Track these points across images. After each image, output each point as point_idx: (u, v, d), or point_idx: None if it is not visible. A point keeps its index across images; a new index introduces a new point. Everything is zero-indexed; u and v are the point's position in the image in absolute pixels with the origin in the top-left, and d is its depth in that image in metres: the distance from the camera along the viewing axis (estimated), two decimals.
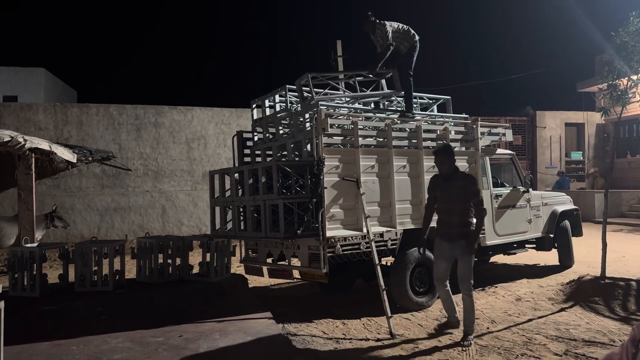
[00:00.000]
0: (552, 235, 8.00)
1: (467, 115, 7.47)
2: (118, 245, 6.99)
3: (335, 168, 5.65)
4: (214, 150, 14.49)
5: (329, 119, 5.61)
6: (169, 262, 7.22)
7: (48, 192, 12.84)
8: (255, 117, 7.40)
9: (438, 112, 7.60)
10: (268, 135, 7.02)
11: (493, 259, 8.41)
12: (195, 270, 7.44)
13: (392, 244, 5.98)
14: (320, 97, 6.42)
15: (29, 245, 6.96)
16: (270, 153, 6.79)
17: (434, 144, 6.55)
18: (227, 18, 62.31)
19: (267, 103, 7.09)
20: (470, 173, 6.73)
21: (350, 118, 6.12)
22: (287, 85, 6.75)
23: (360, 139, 5.89)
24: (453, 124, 6.95)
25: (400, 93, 6.96)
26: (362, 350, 4.67)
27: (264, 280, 7.45)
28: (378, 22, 6.74)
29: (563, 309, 5.93)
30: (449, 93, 7.79)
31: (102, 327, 4.96)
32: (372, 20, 6.76)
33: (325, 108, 5.87)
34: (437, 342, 4.87)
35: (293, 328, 5.37)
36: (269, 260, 6.46)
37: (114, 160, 10.91)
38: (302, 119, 6.47)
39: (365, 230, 5.56)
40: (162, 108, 14.19)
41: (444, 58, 42.75)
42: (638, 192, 16.01)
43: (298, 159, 6.20)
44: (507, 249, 7.46)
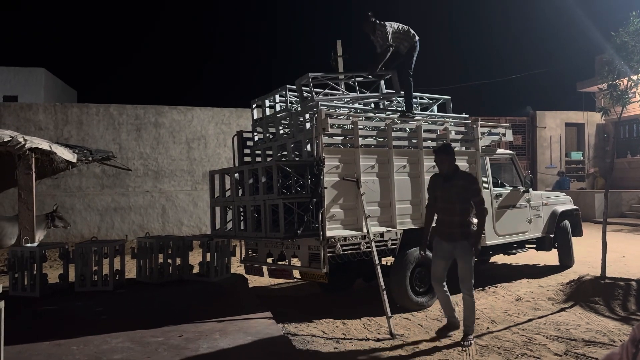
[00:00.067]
0: (552, 235, 8.00)
1: (467, 115, 7.48)
2: (118, 245, 6.99)
3: (336, 168, 5.65)
4: (214, 150, 14.49)
5: (329, 119, 5.61)
6: (169, 262, 7.22)
7: (48, 192, 12.84)
8: (256, 117, 7.40)
9: (438, 112, 7.60)
10: (268, 135, 7.02)
11: (493, 259, 8.41)
12: (195, 270, 7.44)
13: (392, 244, 5.98)
14: (321, 97, 6.42)
15: (29, 245, 6.95)
16: (271, 153, 6.79)
17: (434, 144, 6.55)
18: (227, 18, 62.36)
19: (267, 103, 7.09)
20: (471, 173, 6.75)
21: (351, 118, 6.12)
22: (287, 85, 6.75)
23: (361, 139, 5.89)
24: (453, 124, 6.95)
25: (400, 94, 6.97)
26: (362, 350, 4.67)
27: (264, 280, 7.45)
28: (378, 22, 6.73)
29: (563, 309, 5.93)
30: (449, 93, 7.80)
31: (102, 327, 4.96)
32: (372, 21, 6.76)
33: (326, 108, 5.87)
34: (437, 342, 4.88)
35: (293, 328, 5.37)
36: (269, 260, 6.46)
37: (114, 160, 10.91)
38: (302, 119, 6.47)
39: (366, 230, 5.56)
40: (162, 108, 14.19)
41: (444, 58, 42.83)
42: (638, 192, 16.01)
43: (298, 159, 6.20)
44: (507, 249, 7.47)
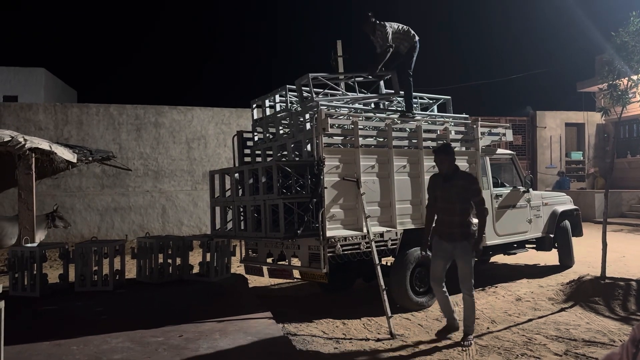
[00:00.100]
0: (552, 235, 8.00)
1: (467, 115, 7.48)
2: (118, 245, 6.98)
3: (336, 168, 5.65)
4: (214, 150, 14.49)
5: (329, 119, 5.61)
6: (169, 262, 7.21)
7: (48, 192, 12.84)
8: (256, 117, 7.40)
9: (438, 112, 7.60)
10: (268, 135, 7.02)
11: (493, 259, 8.41)
12: (195, 270, 7.44)
13: (392, 244, 5.98)
14: (320, 97, 6.42)
15: (29, 245, 6.95)
16: (271, 153, 6.79)
17: (434, 144, 6.55)
18: (227, 18, 62.35)
19: (267, 103, 7.09)
20: (471, 173, 6.75)
21: (351, 118, 6.12)
22: (287, 85, 6.75)
23: (361, 139, 5.89)
24: (453, 124, 6.95)
25: (399, 94, 6.97)
26: (362, 351, 4.67)
27: (264, 280, 7.45)
28: (378, 23, 6.73)
29: (563, 309, 5.93)
30: (449, 93, 7.80)
31: (102, 327, 4.96)
32: (372, 21, 6.76)
33: (326, 108, 5.87)
34: (437, 342, 4.88)
35: (293, 328, 5.38)
36: (269, 260, 6.46)
37: (114, 160, 10.91)
38: (302, 119, 6.47)
39: (366, 230, 5.56)
40: (162, 108, 14.19)
41: (444, 58, 42.80)
42: (638, 192, 16.01)
43: (298, 159, 6.20)
44: (507, 249, 7.47)
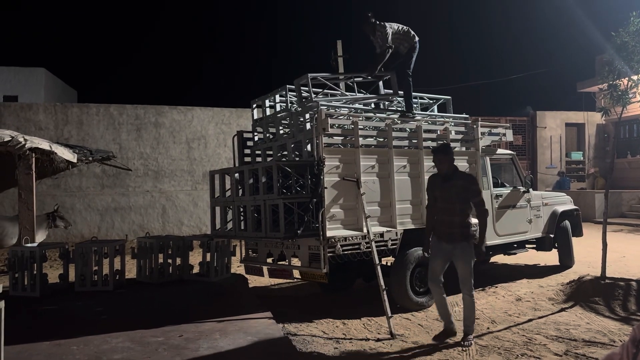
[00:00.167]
0: (552, 236, 8.00)
1: (467, 115, 7.48)
2: (118, 245, 6.98)
3: (336, 168, 5.65)
4: (214, 150, 14.49)
5: (330, 119, 5.61)
6: (169, 262, 7.22)
7: (48, 192, 12.84)
8: (256, 117, 7.40)
9: (438, 112, 7.60)
10: (268, 135, 7.02)
11: (493, 259, 8.41)
12: (196, 270, 7.44)
13: (392, 244, 5.98)
14: (320, 97, 6.42)
15: (30, 245, 6.95)
16: (271, 153, 6.79)
17: (435, 144, 6.55)
18: (227, 18, 62.34)
19: (267, 103, 7.09)
20: (470, 173, 6.74)
21: (351, 118, 6.12)
22: (287, 85, 6.75)
23: (361, 139, 5.88)
24: (453, 124, 6.95)
25: (398, 94, 6.97)
26: (362, 351, 4.67)
27: (264, 280, 7.45)
28: (378, 23, 6.73)
29: (563, 309, 5.93)
30: (449, 93, 7.80)
31: (102, 326, 4.96)
32: (372, 22, 6.75)
33: (326, 108, 5.87)
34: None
35: (293, 328, 5.38)
36: (269, 260, 6.46)
37: (114, 160, 10.92)
38: (302, 119, 6.47)
39: (366, 230, 5.56)
40: (162, 108, 14.20)
41: (444, 58, 42.81)
42: (638, 192, 16.01)
43: (298, 159, 6.20)
44: (507, 249, 7.47)
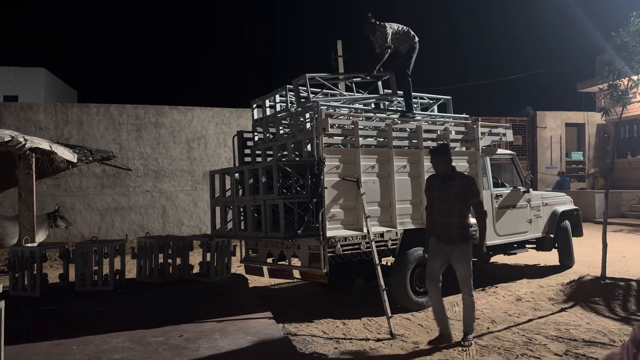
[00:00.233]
0: (552, 236, 8.00)
1: (467, 116, 7.47)
2: (118, 245, 6.99)
3: (336, 168, 5.65)
4: (214, 150, 14.49)
5: (330, 119, 5.61)
6: (169, 262, 7.22)
7: (48, 191, 12.85)
8: (256, 117, 7.40)
9: (438, 112, 7.60)
10: (268, 135, 7.02)
11: (493, 259, 8.41)
12: (196, 270, 7.44)
13: (392, 244, 5.98)
14: (318, 97, 6.42)
15: (30, 245, 6.95)
16: (271, 153, 6.79)
17: (435, 144, 6.55)
18: (227, 18, 62.37)
19: (267, 103, 7.09)
20: (470, 173, 6.74)
21: (351, 118, 6.12)
22: (287, 85, 6.75)
23: (361, 139, 5.88)
24: (453, 124, 6.95)
25: (397, 95, 6.97)
26: (362, 351, 4.67)
27: (264, 280, 7.45)
28: (378, 23, 6.72)
29: (563, 309, 5.93)
30: (449, 93, 7.80)
31: (102, 326, 4.96)
32: (372, 22, 6.75)
33: (326, 108, 5.87)
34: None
35: (293, 328, 5.38)
36: (269, 260, 6.46)
37: (115, 160, 10.91)
38: (302, 119, 6.47)
39: (366, 230, 5.56)
40: (162, 108, 14.20)
41: (444, 58, 42.87)
42: (638, 192, 16.01)
43: (298, 159, 6.20)
44: (507, 249, 7.46)
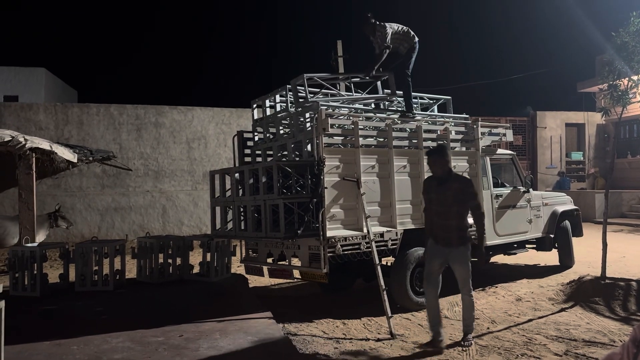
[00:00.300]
0: (552, 236, 8.00)
1: (467, 116, 7.48)
2: (118, 245, 6.99)
3: (336, 168, 5.65)
4: (215, 150, 14.49)
5: (330, 119, 5.61)
6: (170, 261, 7.22)
7: (49, 191, 12.85)
8: (256, 117, 7.40)
9: (438, 112, 7.60)
10: (268, 135, 7.02)
11: (493, 259, 8.41)
12: (196, 270, 7.44)
13: (392, 244, 5.98)
14: (317, 98, 6.41)
15: (30, 245, 6.96)
16: (271, 153, 6.79)
17: (435, 144, 6.56)
18: (227, 18, 62.38)
19: (267, 103, 7.09)
20: (470, 173, 6.74)
21: (351, 118, 6.12)
22: (287, 85, 6.75)
23: (361, 139, 5.89)
24: (453, 124, 6.96)
25: (395, 95, 6.97)
26: (362, 351, 4.67)
27: (264, 280, 7.45)
28: (378, 23, 6.72)
29: (563, 309, 5.93)
30: (449, 93, 7.80)
31: (102, 326, 4.96)
32: (372, 22, 6.75)
33: (326, 108, 5.87)
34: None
35: (293, 328, 5.38)
36: (269, 260, 6.46)
37: (115, 160, 10.92)
38: (302, 119, 6.47)
39: (366, 230, 5.56)
40: (162, 108, 14.20)
41: (444, 58, 42.89)
42: (638, 192, 16.01)
43: (298, 159, 6.21)
44: (507, 249, 7.46)
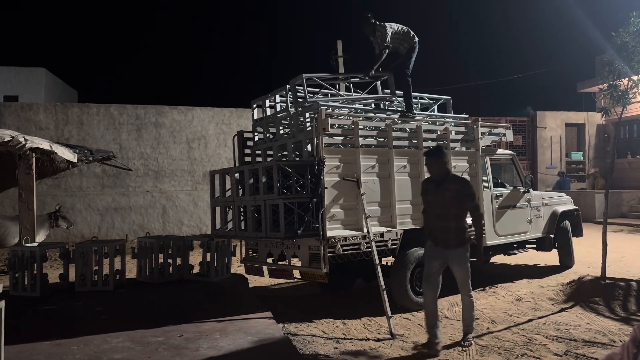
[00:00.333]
0: (552, 236, 8.00)
1: (467, 116, 7.48)
2: (118, 245, 6.99)
3: (336, 168, 5.65)
4: (215, 150, 14.49)
5: (330, 119, 5.61)
6: (170, 261, 7.22)
7: (49, 192, 12.85)
8: (256, 117, 7.40)
9: (438, 112, 7.60)
10: (268, 135, 7.02)
11: (493, 259, 8.41)
12: (196, 270, 7.44)
13: (392, 244, 5.98)
14: (317, 98, 6.41)
15: (30, 245, 6.96)
16: (271, 153, 6.79)
17: (435, 144, 6.56)
18: (227, 18, 62.38)
19: (267, 103, 7.09)
20: (470, 173, 6.74)
21: (351, 118, 6.12)
22: (287, 85, 6.75)
23: (361, 139, 5.89)
24: (453, 124, 6.95)
25: (394, 95, 6.97)
26: (362, 351, 4.67)
27: (264, 280, 7.45)
28: (378, 23, 6.72)
29: (563, 309, 5.93)
30: (449, 93, 7.81)
31: (102, 326, 4.96)
32: (372, 22, 6.75)
33: (326, 108, 5.87)
34: (443, 340, 4.86)
35: (293, 328, 5.38)
36: (270, 260, 6.46)
37: (115, 160, 10.92)
38: (302, 119, 6.47)
39: (366, 230, 5.56)
40: (162, 108, 14.20)
41: (444, 58, 42.90)
42: (638, 192, 16.01)
43: (298, 159, 6.21)
44: (507, 249, 7.47)
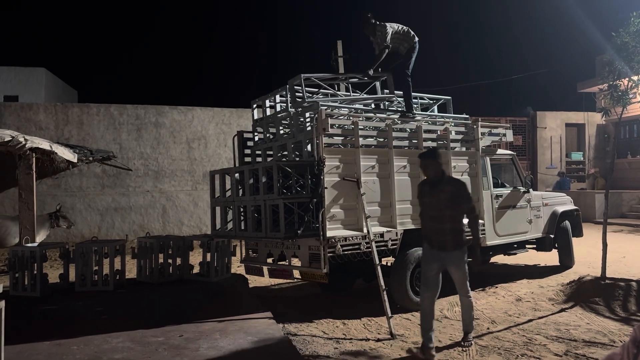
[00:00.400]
0: (552, 236, 8.01)
1: (467, 116, 7.48)
2: (118, 245, 6.99)
3: (336, 168, 5.66)
4: (215, 150, 14.50)
5: (330, 119, 5.61)
6: (170, 262, 7.22)
7: (49, 192, 12.85)
8: (256, 117, 7.40)
9: (438, 112, 7.61)
10: (269, 136, 7.02)
11: (493, 259, 8.41)
12: (196, 270, 7.44)
13: (392, 244, 5.98)
14: (317, 98, 6.41)
15: (30, 245, 6.96)
16: (271, 153, 6.79)
17: (435, 144, 6.56)
18: (227, 18, 62.35)
19: (267, 103, 7.09)
20: (470, 173, 6.75)
21: (351, 118, 6.13)
22: (287, 85, 6.75)
23: (361, 139, 5.89)
24: (453, 124, 6.96)
25: (393, 95, 6.97)
26: (362, 351, 4.67)
27: (264, 280, 7.46)
28: (378, 23, 6.72)
29: (563, 310, 5.93)
30: (449, 93, 7.81)
31: (102, 326, 4.97)
32: (372, 22, 6.74)
33: (326, 108, 5.87)
34: (437, 342, 4.85)
35: (293, 328, 5.38)
36: (270, 260, 6.46)
37: (115, 160, 10.92)
38: (302, 119, 6.48)
39: (366, 231, 5.56)
40: (162, 108, 14.20)
41: (444, 58, 42.86)
42: (638, 192, 16.01)
43: (298, 159, 6.21)
44: (507, 250, 7.47)
